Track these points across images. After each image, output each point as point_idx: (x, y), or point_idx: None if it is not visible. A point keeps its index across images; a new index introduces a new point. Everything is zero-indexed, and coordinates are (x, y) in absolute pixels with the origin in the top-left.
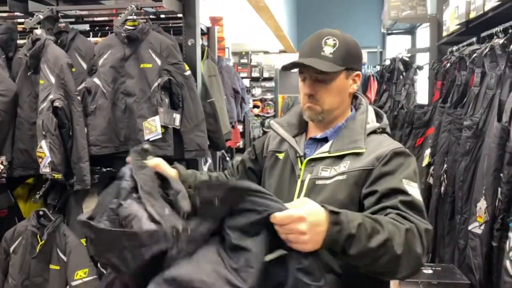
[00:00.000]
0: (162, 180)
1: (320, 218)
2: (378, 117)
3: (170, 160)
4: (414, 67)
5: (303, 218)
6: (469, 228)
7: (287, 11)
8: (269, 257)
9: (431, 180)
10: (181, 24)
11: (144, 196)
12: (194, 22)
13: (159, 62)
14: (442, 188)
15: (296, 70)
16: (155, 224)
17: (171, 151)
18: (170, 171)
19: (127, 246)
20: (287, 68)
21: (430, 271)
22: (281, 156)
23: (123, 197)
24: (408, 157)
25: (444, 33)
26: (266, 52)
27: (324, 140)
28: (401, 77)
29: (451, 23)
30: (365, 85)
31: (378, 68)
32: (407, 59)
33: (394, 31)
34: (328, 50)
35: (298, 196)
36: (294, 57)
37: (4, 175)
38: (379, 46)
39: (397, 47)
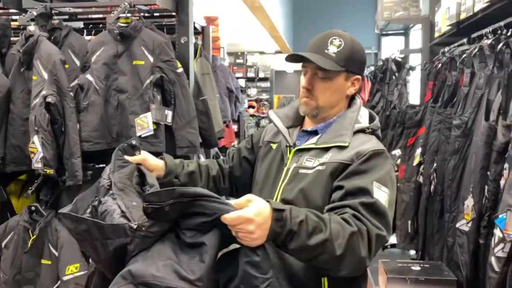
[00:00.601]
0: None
1: (266, 216)
2: (371, 119)
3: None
4: (406, 67)
5: (251, 219)
6: (457, 225)
7: (282, 12)
8: (224, 251)
9: (421, 179)
10: (174, 22)
11: (116, 193)
12: (187, 20)
13: (151, 59)
14: (432, 187)
15: (291, 71)
16: (125, 218)
17: (163, 147)
18: (156, 164)
19: (98, 237)
20: (290, 58)
21: (418, 268)
22: (274, 146)
23: (102, 194)
24: (386, 159)
25: (436, 34)
26: (261, 53)
27: (315, 133)
28: (393, 77)
29: (442, 24)
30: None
31: (372, 68)
32: (399, 59)
33: (388, 32)
34: (332, 49)
35: (282, 183)
36: None
37: None
38: (374, 47)
39: (392, 48)
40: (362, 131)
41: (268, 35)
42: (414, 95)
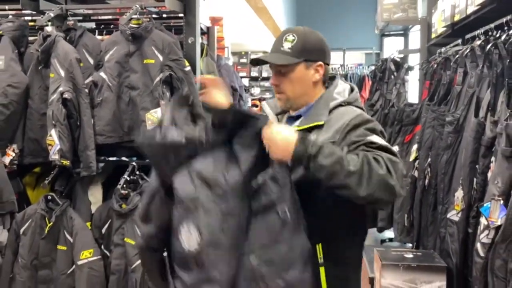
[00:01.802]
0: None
1: (292, 132)
2: (351, 92)
3: None
4: (405, 67)
5: (280, 132)
6: (448, 216)
7: (286, 12)
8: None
9: (416, 174)
10: (182, 23)
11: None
12: (194, 21)
13: (161, 58)
14: (426, 181)
15: None
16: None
17: None
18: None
19: (172, 152)
20: (253, 62)
21: (411, 256)
22: None
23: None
24: (368, 123)
25: (433, 35)
26: (265, 52)
27: (299, 117)
28: (392, 77)
29: (438, 25)
30: (361, 84)
31: (372, 68)
32: (398, 59)
33: (389, 33)
34: (286, 46)
35: None
36: None
37: (16, 162)
38: (375, 47)
39: (394, 48)
40: (339, 105)
41: (272, 35)
42: (413, 94)
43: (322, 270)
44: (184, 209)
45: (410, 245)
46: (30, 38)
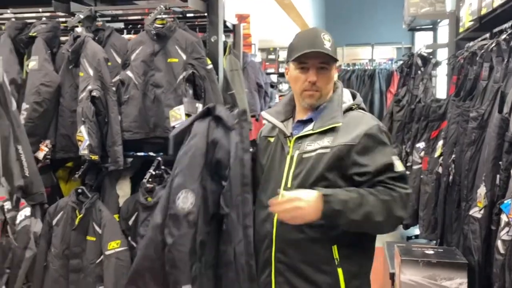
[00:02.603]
0: None
1: (315, 197)
2: (353, 97)
3: None
4: (432, 62)
5: (302, 199)
6: (470, 212)
7: (313, 8)
8: None
9: (440, 170)
10: (206, 22)
11: None
12: (217, 20)
13: (184, 57)
14: (450, 177)
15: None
16: None
17: None
18: None
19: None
20: (309, 54)
21: (432, 252)
22: (272, 139)
23: None
24: (381, 134)
25: (461, 29)
26: None
27: (310, 121)
28: (419, 72)
29: (466, 19)
30: (389, 80)
31: (400, 63)
32: (425, 54)
33: (418, 27)
34: (328, 44)
35: (289, 169)
36: None
37: (48, 157)
38: (404, 41)
39: (425, 43)
40: (350, 109)
41: (300, 31)
42: (442, 90)
43: (340, 271)
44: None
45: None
46: (62, 39)
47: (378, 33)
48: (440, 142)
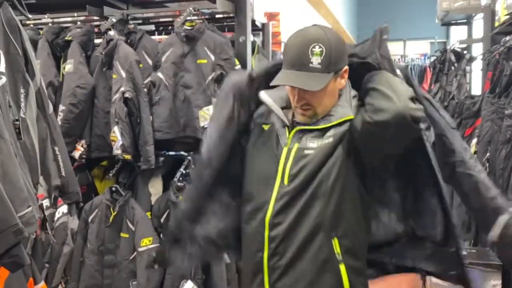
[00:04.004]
0: None
1: None
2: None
3: None
4: (466, 58)
5: None
6: None
7: (344, 4)
8: None
9: None
10: (234, 23)
11: None
12: (245, 21)
13: (213, 58)
14: None
15: None
16: None
17: None
18: None
19: None
20: (275, 85)
21: (464, 253)
22: (266, 127)
23: None
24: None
25: (496, 23)
26: None
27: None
28: (452, 68)
29: (502, 13)
30: (422, 76)
31: (433, 59)
32: (459, 50)
33: (452, 21)
34: (316, 61)
35: (284, 165)
36: None
37: (84, 156)
38: (437, 36)
39: (459, 37)
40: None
41: (331, 27)
42: (476, 86)
43: (342, 267)
44: None
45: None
46: (96, 41)
47: (411, 28)
48: (474, 140)
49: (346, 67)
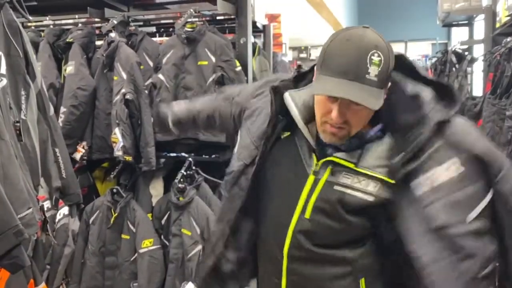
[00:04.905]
0: None
1: None
2: None
3: (222, 146)
4: (467, 59)
5: None
6: None
7: (346, 6)
8: None
9: None
10: (235, 24)
11: None
12: (246, 22)
13: (213, 59)
14: None
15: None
16: None
17: (223, 138)
18: None
19: None
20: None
21: None
22: (286, 135)
23: None
24: None
25: (497, 25)
26: None
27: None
28: (453, 69)
29: (503, 14)
30: None
31: (434, 60)
32: (460, 51)
33: (453, 23)
34: (373, 72)
35: (308, 195)
36: None
37: (85, 157)
38: (439, 37)
39: (461, 38)
40: None
41: (332, 29)
42: (478, 87)
43: None
44: None
45: None
46: (97, 43)
47: (412, 29)
48: None
49: (390, 85)
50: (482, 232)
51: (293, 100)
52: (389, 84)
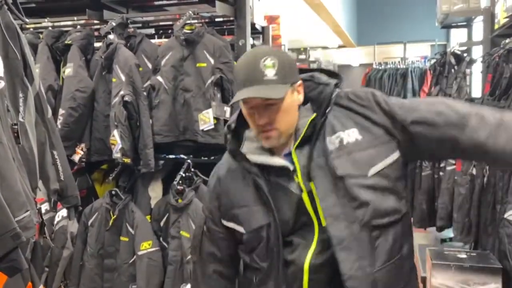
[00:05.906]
0: None
1: None
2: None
3: (221, 148)
4: (466, 60)
5: None
6: (505, 215)
7: (345, 7)
8: None
9: (474, 171)
10: (234, 26)
11: None
12: (245, 24)
13: (212, 61)
14: (485, 179)
15: (356, 65)
16: None
17: (222, 139)
18: None
19: None
20: (236, 101)
21: (464, 256)
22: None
23: None
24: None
25: (496, 26)
26: (324, 48)
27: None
28: (452, 70)
29: (501, 16)
30: (422, 79)
31: (432, 61)
32: (458, 52)
33: (452, 24)
34: (270, 73)
35: (313, 206)
36: (353, 52)
37: (84, 159)
38: (438, 39)
39: (459, 40)
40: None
41: (331, 30)
42: (477, 89)
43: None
44: None
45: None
46: (96, 45)
47: (411, 31)
48: None
49: (301, 82)
50: (378, 188)
51: (250, 153)
52: (299, 81)
